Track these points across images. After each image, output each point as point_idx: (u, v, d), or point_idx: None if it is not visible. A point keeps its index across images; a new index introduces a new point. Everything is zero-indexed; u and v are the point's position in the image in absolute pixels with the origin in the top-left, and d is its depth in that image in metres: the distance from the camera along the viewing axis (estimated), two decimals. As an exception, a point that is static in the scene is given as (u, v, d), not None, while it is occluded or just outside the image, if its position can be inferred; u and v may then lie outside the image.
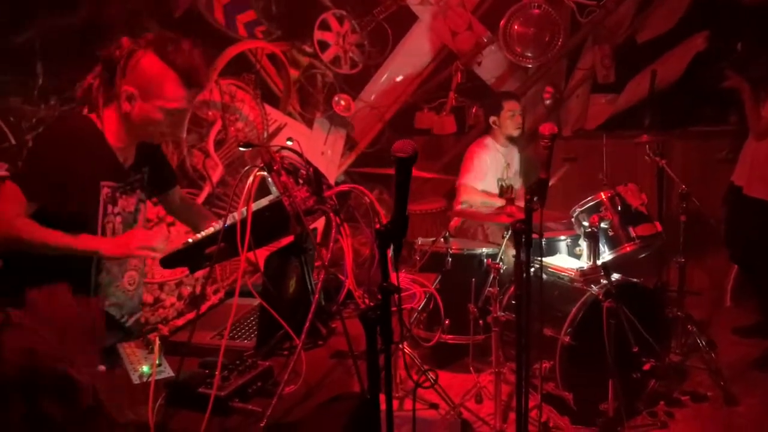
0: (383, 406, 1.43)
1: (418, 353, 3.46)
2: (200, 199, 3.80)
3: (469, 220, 4.08)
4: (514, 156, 4.19)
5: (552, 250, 3.58)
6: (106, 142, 1.87)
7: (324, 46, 4.76)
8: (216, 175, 3.92)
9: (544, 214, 2.07)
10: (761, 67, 3.78)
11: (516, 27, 4.81)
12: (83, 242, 1.79)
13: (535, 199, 1.99)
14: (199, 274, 3.52)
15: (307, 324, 1.51)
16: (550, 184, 2.08)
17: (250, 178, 1.60)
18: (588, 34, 4.97)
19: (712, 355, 3.43)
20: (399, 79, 5.14)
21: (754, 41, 3.75)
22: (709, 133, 4.83)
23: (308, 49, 4.72)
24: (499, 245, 3.43)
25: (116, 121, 1.87)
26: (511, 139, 4.08)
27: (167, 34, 1.88)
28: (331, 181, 4.80)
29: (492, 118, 4.03)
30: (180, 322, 1.89)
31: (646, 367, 2.98)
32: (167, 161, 2.25)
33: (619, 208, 3.24)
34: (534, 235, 2.03)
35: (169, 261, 1.76)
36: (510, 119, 3.99)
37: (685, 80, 4.83)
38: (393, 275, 1.46)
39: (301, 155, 1.70)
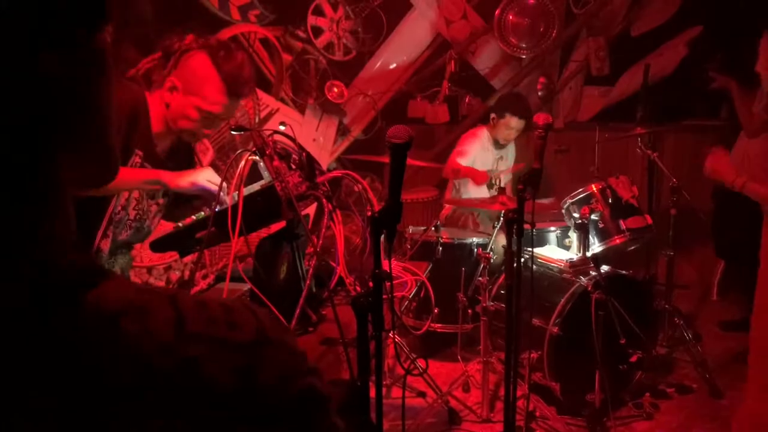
0: (372, 393, 1.43)
1: (407, 341, 3.46)
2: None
3: (460, 209, 4.08)
4: (509, 150, 4.19)
5: (542, 241, 3.59)
6: (149, 119, 1.91)
7: (317, 31, 4.72)
8: (206, 159, 3.88)
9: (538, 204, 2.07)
10: (748, 64, 3.78)
11: (511, 17, 4.79)
12: (143, 173, 1.85)
13: (527, 188, 1.98)
14: (189, 258, 3.51)
15: (298, 310, 1.50)
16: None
17: (242, 163, 1.58)
18: (582, 26, 4.97)
19: (698, 348, 3.46)
20: (392, 66, 5.11)
21: (744, 36, 3.75)
22: (702, 127, 4.84)
23: (302, 35, 4.68)
24: (489, 235, 3.43)
25: (157, 107, 1.91)
26: (497, 142, 4.08)
27: (226, 42, 1.95)
28: (323, 168, 4.80)
29: (492, 115, 4.01)
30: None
31: (633, 358, 3.01)
32: (194, 163, 2.23)
33: (610, 201, 3.25)
34: (526, 226, 2.03)
35: (159, 245, 1.74)
36: (504, 129, 3.97)
37: (679, 74, 4.84)
38: (385, 263, 1.45)
39: (294, 140, 1.69)
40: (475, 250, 3.43)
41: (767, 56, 3.04)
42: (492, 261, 3.18)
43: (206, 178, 1.81)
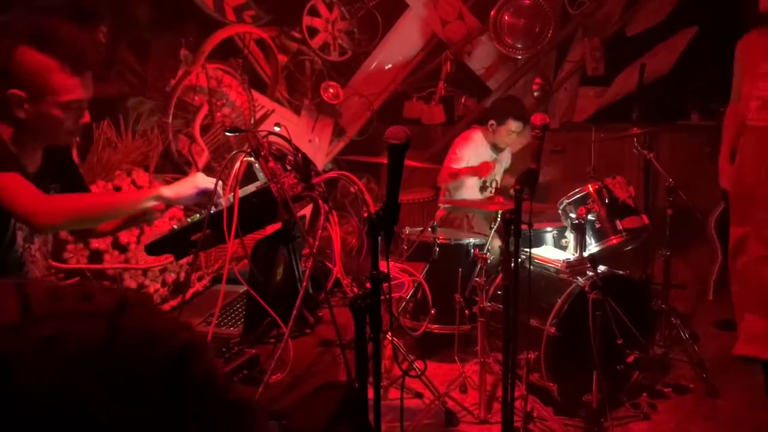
0: (370, 395, 1.42)
1: (404, 342, 3.45)
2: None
3: (455, 210, 4.08)
4: (505, 155, 4.19)
5: (538, 241, 3.59)
6: (3, 142, 1.67)
7: (313, 32, 4.70)
8: (202, 160, 3.87)
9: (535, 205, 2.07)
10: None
11: (506, 17, 4.79)
12: (138, 193, 1.75)
13: (524, 189, 1.98)
14: (184, 261, 3.49)
15: (295, 312, 1.49)
16: None
17: (237, 164, 1.57)
18: (578, 27, 4.97)
19: (695, 347, 3.47)
20: (388, 67, 5.11)
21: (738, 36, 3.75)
22: (697, 127, 4.85)
23: (297, 35, 4.66)
24: (484, 235, 3.43)
25: (9, 128, 1.68)
26: (495, 146, 4.07)
27: (39, 19, 1.66)
28: (319, 169, 4.78)
29: (491, 122, 3.99)
30: (165, 308, 1.86)
31: (630, 359, 3.01)
32: (76, 166, 2.02)
33: (607, 201, 3.25)
34: (523, 226, 2.02)
35: (155, 248, 1.73)
36: (506, 135, 3.96)
37: (674, 74, 4.84)
38: (383, 263, 1.45)
39: (289, 141, 1.68)
40: (472, 250, 3.43)
41: None
42: (489, 261, 3.18)
43: (205, 180, 1.77)
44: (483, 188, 4.09)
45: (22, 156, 1.72)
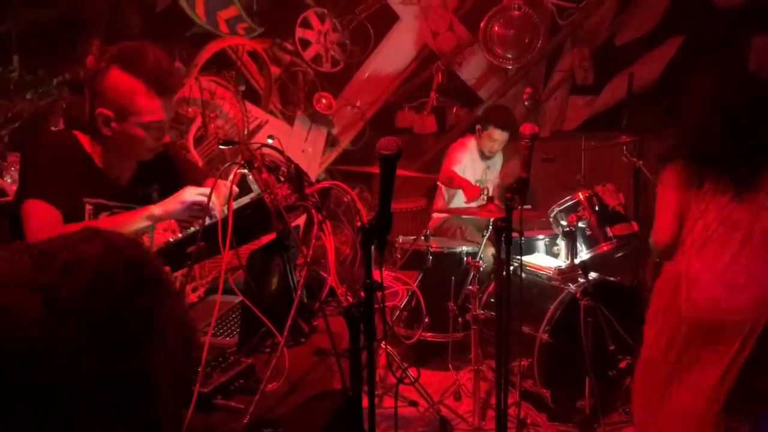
0: (365, 403, 1.44)
1: (398, 351, 3.47)
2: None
3: (449, 219, 4.11)
4: (496, 160, 4.22)
5: (530, 249, 3.62)
6: (90, 159, 1.82)
7: (305, 44, 4.75)
8: (196, 172, 3.88)
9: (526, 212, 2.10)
10: None
11: (496, 28, 4.85)
12: (131, 215, 1.78)
13: (515, 197, 2.01)
14: (178, 273, 3.50)
15: (290, 321, 1.51)
16: None
17: (231, 176, 1.59)
18: (567, 37, 5.03)
19: (686, 352, 3.49)
20: (380, 77, 5.15)
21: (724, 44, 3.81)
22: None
23: (289, 47, 4.71)
24: (477, 243, 3.46)
25: (98, 145, 1.82)
26: (482, 153, 4.11)
27: (130, 44, 1.78)
28: (312, 179, 4.81)
29: (478, 126, 4.05)
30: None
31: (623, 364, 3.03)
32: (178, 166, 2.08)
33: (597, 208, 3.29)
34: (514, 234, 2.05)
35: (150, 259, 1.74)
36: (488, 141, 4.01)
37: (663, 82, 4.90)
38: (376, 272, 1.47)
39: (282, 152, 1.70)
40: (465, 258, 3.45)
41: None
42: (481, 269, 3.20)
43: (193, 193, 1.80)
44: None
45: (112, 169, 1.86)
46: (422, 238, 3.54)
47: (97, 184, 1.83)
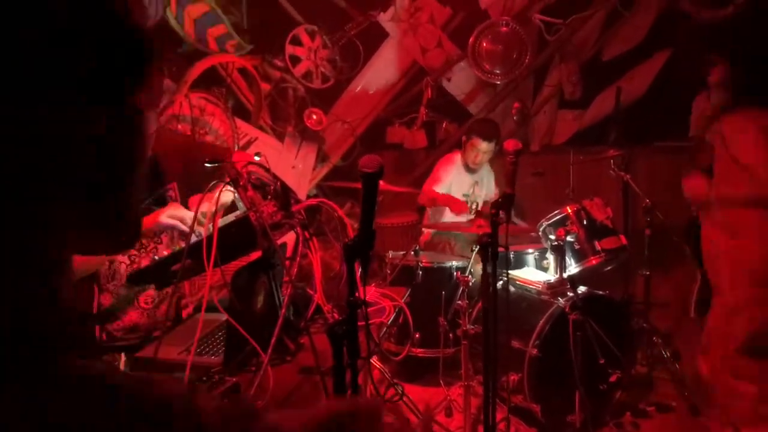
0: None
1: (389, 367, 3.46)
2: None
3: (438, 233, 4.11)
4: (484, 174, 4.23)
5: (520, 263, 3.63)
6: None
7: (295, 60, 4.78)
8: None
9: (514, 228, 2.12)
10: None
11: (485, 44, 4.89)
12: None
13: (500, 213, 2.02)
14: (170, 289, 3.49)
15: (273, 339, 1.51)
16: None
17: (216, 194, 1.60)
18: (555, 52, 5.08)
19: (677, 366, 3.50)
20: (370, 93, 5.19)
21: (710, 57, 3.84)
22: (674, 148, 4.94)
23: (280, 64, 4.74)
24: (467, 258, 3.46)
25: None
26: (467, 166, 4.13)
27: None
28: (303, 195, 4.82)
29: (463, 138, 4.09)
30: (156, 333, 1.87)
31: (613, 378, 3.03)
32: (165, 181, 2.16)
33: (585, 222, 3.30)
34: (500, 249, 2.06)
35: (137, 278, 1.75)
36: (471, 151, 4.03)
37: (650, 96, 4.95)
38: (361, 289, 1.47)
39: (268, 170, 1.71)
40: (455, 273, 3.46)
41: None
42: (471, 284, 3.21)
43: (168, 215, 1.81)
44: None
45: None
46: (412, 253, 3.55)
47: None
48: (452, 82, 5.16)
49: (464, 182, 4.11)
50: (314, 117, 4.74)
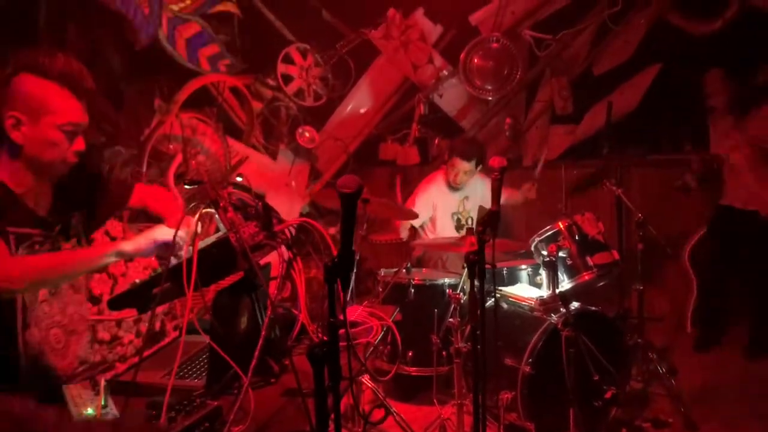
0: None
1: (382, 387, 3.42)
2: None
3: (429, 251, 4.10)
4: (474, 187, 4.20)
5: (513, 279, 3.61)
6: (5, 186, 1.69)
7: (287, 79, 4.79)
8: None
9: (506, 243, 2.10)
10: None
11: (476, 60, 4.91)
12: (99, 249, 1.70)
13: (486, 230, 2.01)
14: (160, 309, 3.47)
15: (254, 361, 1.49)
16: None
17: (196, 216, 1.59)
18: (545, 67, 5.10)
19: (672, 381, 3.47)
20: (362, 111, 5.20)
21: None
22: (666, 161, 4.95)
23: (272, 82, 4.75)
24: (458, 274, 3.44)
25: (12, 161, 1.69)
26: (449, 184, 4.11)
27: (36, 52, 1.68)
28: (296, 213, 4.81)
29: (445, 156, 4.09)
30: (135, 360, 1.83)
31: (608, 395, 2.99)
32: (105, 192, 1.99)
33: (577, 237, 3.29)
34: (487, 266, 2.05)
35: (117, 303, 1.72)
36: (451, 170, 4.03)
37: (641, 110, 4.96)
38: (348, 309, 1.46)
39: (249, 191, 1.70)
40: (447, 290, 3.43)
41: None
42: (462, 302, 3.18)
43: (165, 233, 1.78)
44: (459, 227, 4.12)
45: (29, 197, 1.73)
46: (404, 270, 3.53)
47: (16, 214, 1.69)
48: (444, 98, 5.18)
49: (449, 201, 4.09)
50: (307, 135, 4.74)
